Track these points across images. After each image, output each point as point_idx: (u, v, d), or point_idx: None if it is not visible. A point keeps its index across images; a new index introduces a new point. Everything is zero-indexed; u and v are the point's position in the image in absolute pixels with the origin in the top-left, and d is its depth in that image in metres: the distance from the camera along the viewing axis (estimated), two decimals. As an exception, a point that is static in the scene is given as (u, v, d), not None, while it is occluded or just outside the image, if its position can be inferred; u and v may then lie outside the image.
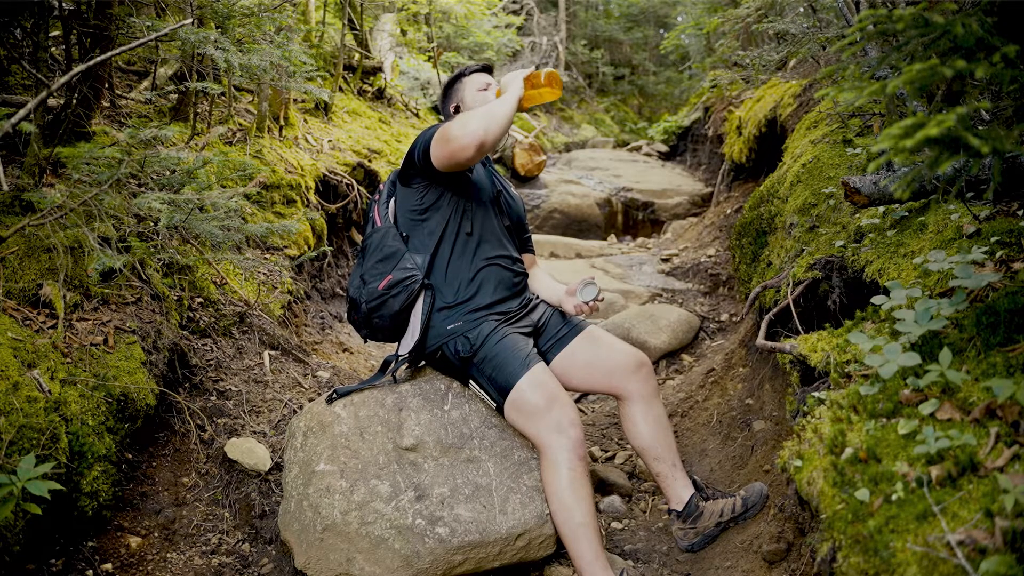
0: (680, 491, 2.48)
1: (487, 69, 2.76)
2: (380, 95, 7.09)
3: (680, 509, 2.47)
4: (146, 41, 2.46)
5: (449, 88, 2.74)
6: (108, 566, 2.25)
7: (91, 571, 2.19)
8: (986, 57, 1.01)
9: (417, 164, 2.46)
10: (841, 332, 2.00)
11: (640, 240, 7.63)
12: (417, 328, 2.41)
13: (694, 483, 2.51)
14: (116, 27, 3.16)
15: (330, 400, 2.50)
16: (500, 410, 2.37)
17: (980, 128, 0.99)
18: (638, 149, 11.21)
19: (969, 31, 1.03)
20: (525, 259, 2.80)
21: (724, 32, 6.73)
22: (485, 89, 2.65)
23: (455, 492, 2.31)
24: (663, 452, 2.47)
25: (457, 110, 2.68)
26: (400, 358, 2.48)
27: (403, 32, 9.19)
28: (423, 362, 2.59)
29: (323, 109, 5.61)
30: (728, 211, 6.27)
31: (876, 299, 1.77)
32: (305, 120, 5.27)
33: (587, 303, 2.53)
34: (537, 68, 2.50)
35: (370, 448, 2.38)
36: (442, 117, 2.78)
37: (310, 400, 3.20)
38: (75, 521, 2.22)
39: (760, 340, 2.44)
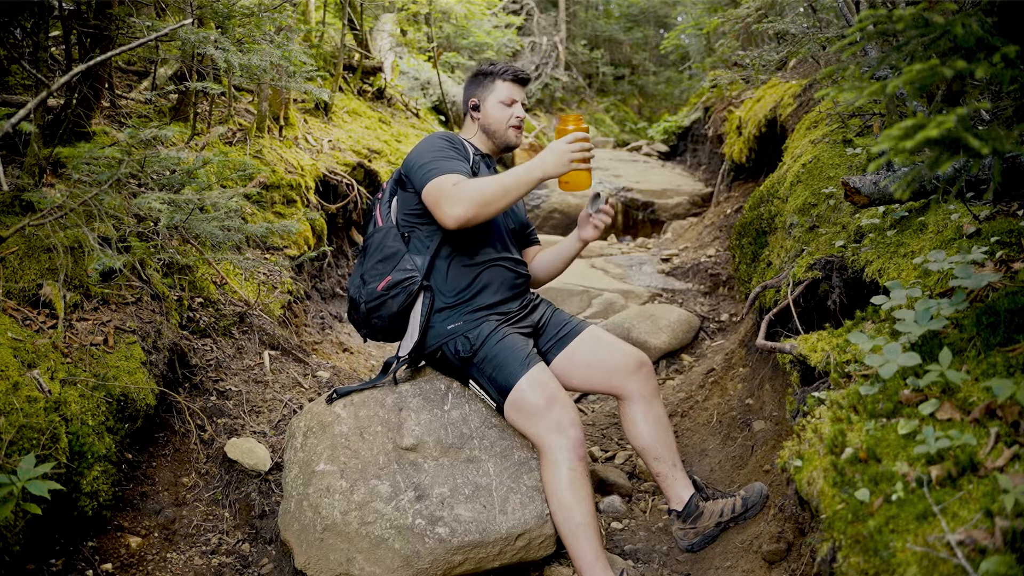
0: (680, 491, 2.48)
1: (522, 81, 2.61)
2: (380, 95, 7.09)
3: (680, 509, 2.47)
4: (146, 41, 2.46)
5: (477, 78, 2.65)
6: (108, 566, 2.25)
7: (91, 571, 2.19)
8: (986, 57, 1.01)
9: (410, 185, 2.46)
10: (841, 332, 2.00)
11: (640, 240, 7.62)
12: (416, 329, 2.41)
13: (694, 483, 2.51)
14: (116, 27, 3.16)
15: (330, 400, 2.50)
16: (500, 410, 2.37)
17: (980, 128, 0.99)
18: (638, 149, 11.21)
19: (969, 31, 1.03)
20: (532, 250, 2.81)
21: (724, 32, 6.73)
22: (509, 105, 2.57)
23: (455, 492, 2.31)
24: (663, 452, 2.47)
25: (476, 108, 2.62)
26: (400, 359, 2.48)
27: (403, 32, 9.18)
28: (423, 362, 2.59)
29: (323, 109, 5.60)
30: (728, 211, 6.27)
31: (876, 299, 1.77)
32: (305, 120, 5.26)
33: (600, 209, 2.53)
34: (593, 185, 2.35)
35: (370, 448, 2.39)
36: (461, 103, 2.73)
37: (310, 400, 3.20)
38: (75, 521, 2.22)
39: (760, 340, 2.44)
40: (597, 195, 2.54)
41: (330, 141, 5.18)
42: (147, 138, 2.48)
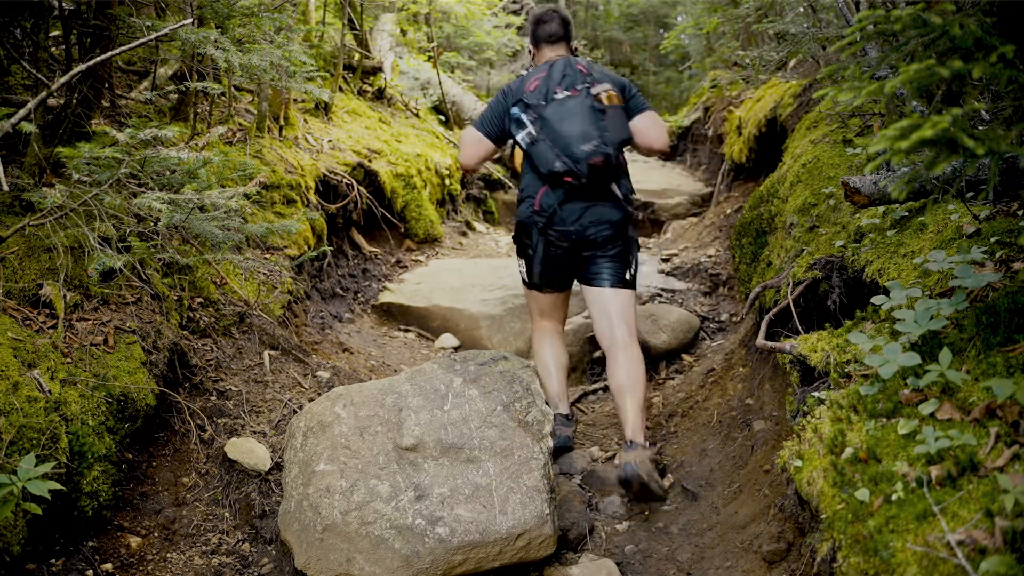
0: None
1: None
2: (380, 95, 7.09)
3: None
4: (146, 41, 2.46)
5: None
6: (108, 566, 2.25)
7: (91, 571, 2.19)
8: (984, 57, 1.01)
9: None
10: (841, 332, 2.00)
11: (640, 240, 7.61)
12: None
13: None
14: (116, 27, 3.16)
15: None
16: (632, 286, 3.17)
17: (978, 129, 0.99)
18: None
19: (967, 31, 1.03)
20: None
21: (724, 32, 6.73)
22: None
23: (455, 492, 2.32)
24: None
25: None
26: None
27: (403, 32, 9.18)
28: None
29: (323, 109, 5.60)
30: (728, 211, 6.27)
31: (876, 299, 1.77)
32: (305, 120, 5.27)
33: None
34: None
35: (370, 448, 2.39)
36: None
37: (310, 400, 3.20)
38: (75, 521, 2.23)
39: (760, 340, 2.44)
40: None
41: (330, 141, 5.18)
42: (147, 138, 2.48)
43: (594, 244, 3.09)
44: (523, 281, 3.31)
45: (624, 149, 3.13)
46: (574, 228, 3.04)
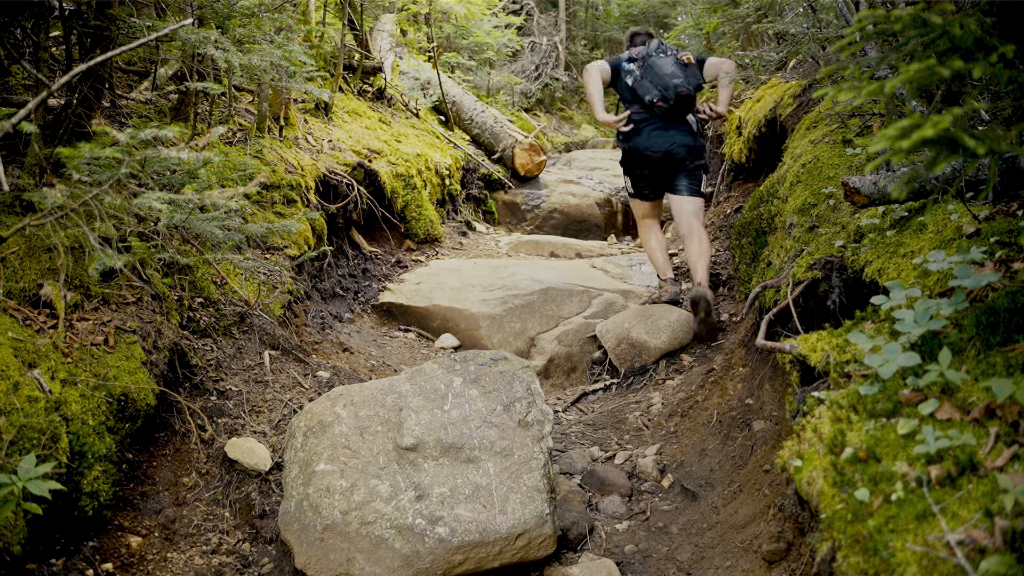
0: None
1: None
2: (380, 95, 7.09)
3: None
4: (146, 41, 2.46)
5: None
6: (108, 566, 2.25)
7: (91, 571, 2.19)
8: (984, 57, 1.01)
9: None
10: (841, 332, 2.00)
11: (640, 240, 7.61)
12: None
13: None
14: (116, 27, 3.16)
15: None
16: (697, 193, 4.31)
17: (978, 129, 0.99)
18: (638, 149, 11.18)
19: (967, 31, 1.03)
20: None
21: (724, 32, 6.73)
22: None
23: (455, 492, 2.32)
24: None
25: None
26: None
27: (403, 32, 9.18)
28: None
29: (323, 109, 5.60)
30: (728, 211, 6.27)
31: (876, 299, 1.77)
32: (305, 120, 5.27)
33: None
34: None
35: (370, 448, 2.39)
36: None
37: (310, 400, 3.20)
38: (75, 521, 2.23)
39: (760, 340, 2.44)
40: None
41: (330, 141, 5.18)
42: (147, 138, 2.48)
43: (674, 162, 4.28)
44: (628, 193, 4.65)
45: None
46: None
